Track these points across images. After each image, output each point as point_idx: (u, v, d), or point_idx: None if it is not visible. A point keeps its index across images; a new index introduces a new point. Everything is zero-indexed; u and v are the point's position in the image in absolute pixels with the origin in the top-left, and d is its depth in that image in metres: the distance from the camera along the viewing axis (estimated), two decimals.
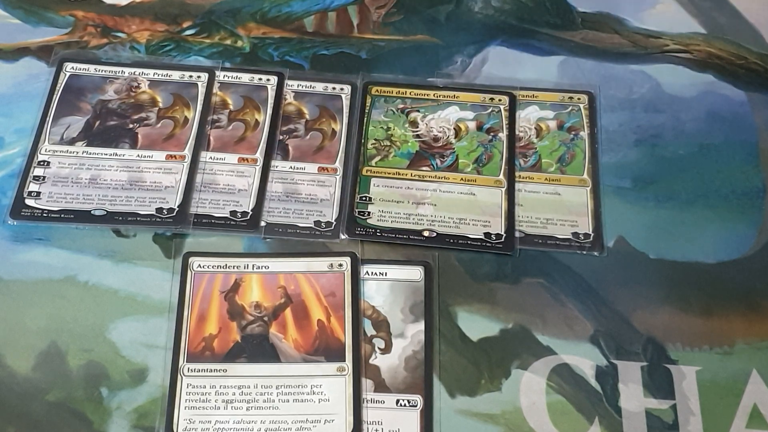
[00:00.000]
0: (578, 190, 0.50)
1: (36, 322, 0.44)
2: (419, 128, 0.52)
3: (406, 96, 0.54)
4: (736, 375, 0.44)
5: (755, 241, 0.49)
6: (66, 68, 0.53)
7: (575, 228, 0.48)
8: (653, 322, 0.46)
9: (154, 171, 0.49)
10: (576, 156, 0.51)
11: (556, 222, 0.49)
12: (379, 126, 0.52)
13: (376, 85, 0.54)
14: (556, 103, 0.54)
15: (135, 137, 0.51)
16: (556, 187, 0.50)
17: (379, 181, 0.50)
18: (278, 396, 0.42)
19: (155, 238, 0.47)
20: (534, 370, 0.44)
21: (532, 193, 0.50)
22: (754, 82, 0.56)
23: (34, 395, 0.42)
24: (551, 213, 0.49)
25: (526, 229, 0.48)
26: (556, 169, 0.51)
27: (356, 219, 0.48)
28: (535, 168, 0.51)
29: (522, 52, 0.57)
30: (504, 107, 0.53)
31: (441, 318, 0.45)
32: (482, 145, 0.52)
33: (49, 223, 0.47)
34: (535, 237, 0.48)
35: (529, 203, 0.49)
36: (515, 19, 0.59)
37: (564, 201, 0.49)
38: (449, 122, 0.53)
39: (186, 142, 0.50)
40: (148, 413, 0.41)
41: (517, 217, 0.49)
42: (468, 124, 0.52)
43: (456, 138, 0.52)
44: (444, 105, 0.53)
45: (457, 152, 0.51)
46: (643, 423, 0.42)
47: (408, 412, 0.42)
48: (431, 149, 0.52)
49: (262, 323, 0.44)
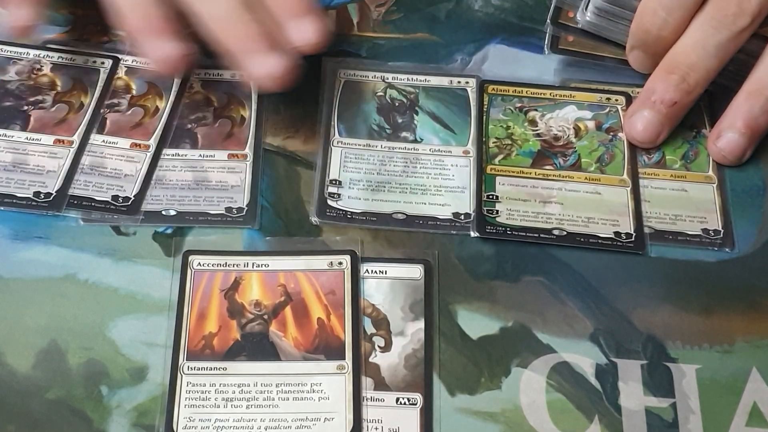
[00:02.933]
0: (704, 187, 0.50)
1: (36, 320, 0.44)
2: (538, 127, 0.53)
3: (523, 95, 0.54)
4: (736, 373, 0.44)
5: (755, 240, 0.49)
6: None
7: (704, 224, 0.49)
8: (653, 320, 0.46)
9: (39, 155, 0.49)
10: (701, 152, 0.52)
11: (684, 218, 0.49)
12: (498, 125, 0.53)
13: (492, 84, 0.54)
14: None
15: (27, 119, 0.51)
16: (683, 183, 0.50)
17: (505, 180, 0.50)
18: (278, 394, 0.42)
19: (155, 236, 0.47)
20: (534, 368, 0.44)
21: (659, 189, 0.50)
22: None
23: (33, 393, 0.42)
24: (679, 209, 0.49)
25: (654, 225, 0.49)
26: (681, 166, 0.51)
27: (486, 218, 0.48)
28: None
29: (522, 51, 0.57)
30: (621, 107, 0.53)
31: (441, 316, 0.45)
32: (603, 144, 0.52)
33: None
34: (665, 233, 0.48)
35: (656, 200, 0.50)
36: (515, 17, 0.59)
37: (692, 197, 0.50)
38: (568, 121, 0.53)
39: (77, 127, 0.50)
40: (148, 411, 0.41)
41: (645, 213, 0.49)
42: (587, 124, 0.53)
43: (576, 137, 0.52)
44: (561, 104, 0.54)
45: (578, 151, 0.51)
46: (643, 421, 0.42)
47: (408, 411, 0.42)
48: (552, 148, 0.52)
49: (261, 321, 0.44)
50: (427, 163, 0.51)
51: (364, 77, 0.55)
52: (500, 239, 0.48)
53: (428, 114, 0.53)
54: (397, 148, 0.52)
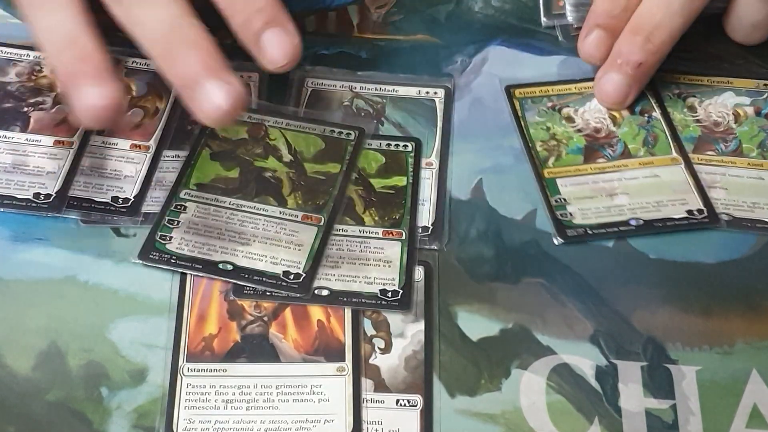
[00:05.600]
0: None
1: (36, 321, 0.44)
2: (576, 123, 0.53)
3: (551, 94, 0.54)
4: (736, 375, 0.44)
5: (755, 241, 0.49)
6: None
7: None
8: (653, 321, 0.46)
9: (39, 156, 0.49)
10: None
11: (763, 206, 0.49)
12: (538, 127, 0.53)
13: (519, 88, 0.54)
14: (752, 89, 0.54)
15: (27, 121, 0.51)
16: (759, 171, 0.51)
17: (565, 181, 0.50)
18: (278, 396, 0.42)
19: None
20: (534, 369, 0.44)
21: (736, 177, 0.50)
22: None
23: (34, 395, 0.42)
24: (756, 197, 0.50)
25: (733, 213, 0.49)
26: (758, 155, 0.51)
27: (562, 222, 0.48)
28: (736, 153, 0.52)
29: (522, 52, 0.57)
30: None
31: (441, 318, 0.45)
32: (643, 127, 0.52)
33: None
34: (743, 220, 0.49)
35: (733, 187, 0.50)
36: (516, 18, 0.59)
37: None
38: (602, 112, 0.53)
39: (77, 128, 0.50)
40: (148, 413, 0.41)
41: (722, 199, 0.49)
42: (623, 114, 0.53)
43: (615, 125, 0.53)
44: (588, 96, 0.54)
45: (623, 139, 0.52)
46: (643, 423, 0.42)
47: (408, 412, 0.42)
48: (597, 141, 0.51)
49: (261, 323, 0.44)
50: None
51: (331, 86, 0.54)
52: (582, 241, 0.48)
53: (393, 124, 0.53)
54: None
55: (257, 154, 0.50)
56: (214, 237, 0.46)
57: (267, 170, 0.49)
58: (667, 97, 0.54)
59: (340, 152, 0.50)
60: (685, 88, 0.54)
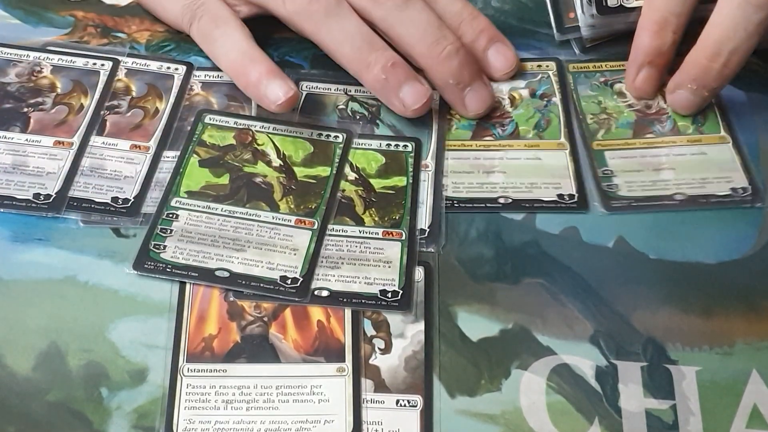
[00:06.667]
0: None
1: (36, 322, 0.44)
2: (627, 98, 0.54)
3: (604, 69, 0.56)
4: (736, 375, 0.44)
5: (756, 241, 0.49)
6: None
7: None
8: (653, 322, 0.45)
9: (39, 157, 0.49)
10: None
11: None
12: (590, 101, 0.54)
13: (572, 63, 0.56)
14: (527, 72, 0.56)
15: (27, 121, 0.51)
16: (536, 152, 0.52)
17: (614, 153, 0.51)
18: (278, 396, 0.42)
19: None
20: (534, 370, 0.44)
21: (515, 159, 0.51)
22: (754, 82, 0.56)
23: (34, 395, 0.42)
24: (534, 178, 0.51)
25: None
26: (534, 135, 0.52)
27: (608, 193, 0.49)
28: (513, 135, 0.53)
29: (522, 53, 0.57)
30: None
31: (441, 318, 0.45)
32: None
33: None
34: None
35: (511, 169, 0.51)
36: (515, 19, 0.59)
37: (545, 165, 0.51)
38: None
39: (77, 129, 0.50)
40: (148, 413, 0.41)
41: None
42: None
43: (665, 102, 0.53)
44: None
45: (673, 117, 0.53)
46: (643, 423, 0.42)
47: (408, 412, 0.42)
48: (647, 116, 0.53)
49: (261, 324, 0.44)
50: None
51: (326, 90, 0.54)
52: (625, 213, 0.49)
53: (389, 127, 0.53)
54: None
55: (246, 159, 0.50)
56: (209, 244, 0.46)
57: (257, 175, 0.49)
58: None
59: (329, 155, 0.50)
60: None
